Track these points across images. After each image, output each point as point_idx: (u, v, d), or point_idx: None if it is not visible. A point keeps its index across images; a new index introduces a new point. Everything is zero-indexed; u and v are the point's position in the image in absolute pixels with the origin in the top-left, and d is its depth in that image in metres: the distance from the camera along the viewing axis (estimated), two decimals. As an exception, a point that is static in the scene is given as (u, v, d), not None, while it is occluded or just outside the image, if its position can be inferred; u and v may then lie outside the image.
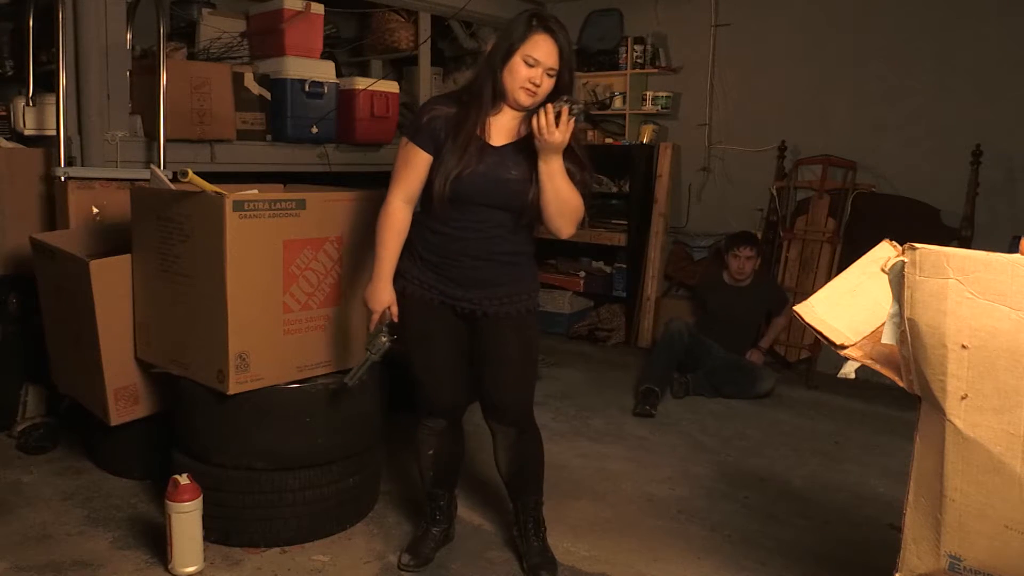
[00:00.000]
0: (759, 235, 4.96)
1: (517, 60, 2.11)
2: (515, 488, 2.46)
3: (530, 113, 2.15)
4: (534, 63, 2.10)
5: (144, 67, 3.62)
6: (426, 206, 2.26)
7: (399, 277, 2.29)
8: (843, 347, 1.69)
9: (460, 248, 2.23)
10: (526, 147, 2.17)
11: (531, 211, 2.20)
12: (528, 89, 2.12)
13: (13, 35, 3.76)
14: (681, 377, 4.22)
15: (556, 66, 2.12)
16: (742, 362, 4.36)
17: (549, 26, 2.11)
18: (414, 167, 2.21)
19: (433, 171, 2.19)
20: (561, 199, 2.16)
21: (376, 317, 2.27)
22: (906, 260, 1.52)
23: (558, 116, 2.04)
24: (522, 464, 2.41)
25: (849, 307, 1.72)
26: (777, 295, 4.55)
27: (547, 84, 2.14)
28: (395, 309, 2.27)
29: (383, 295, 2.26)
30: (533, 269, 2.36)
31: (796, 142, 4.93)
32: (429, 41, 5.13)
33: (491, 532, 2.67)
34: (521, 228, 2.26)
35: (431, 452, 2.45)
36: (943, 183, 4.40)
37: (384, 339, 2.25)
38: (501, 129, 2.21)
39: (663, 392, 4.10)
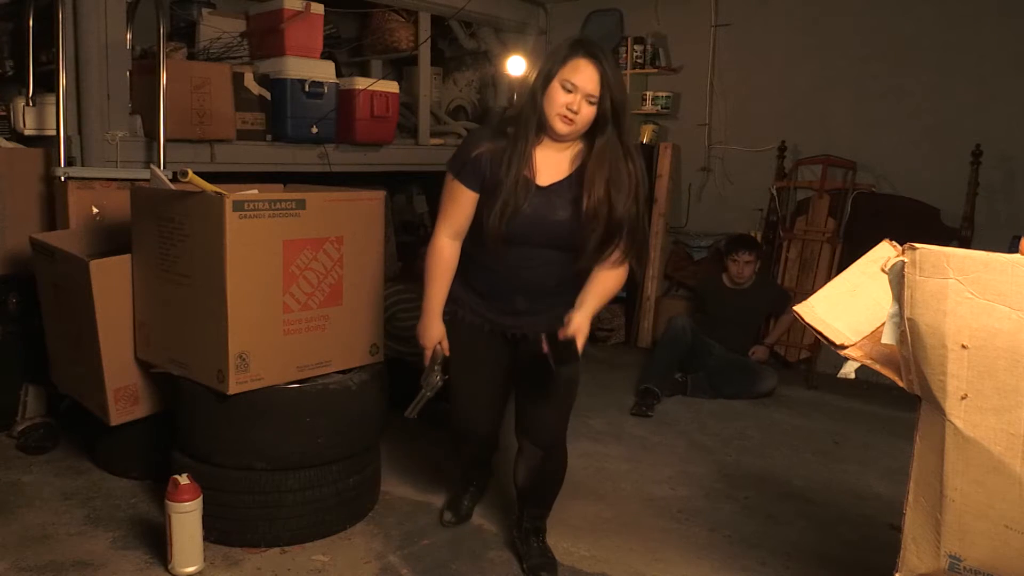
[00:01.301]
0: (759, 235, 4.97)
1: (555, 85, 2.03)
2: (525, 500, 2.47)
3: (585, 144, 2.10)
4: (572, 88, 2.01)
5: (144, 67, 3.62)
6: (476, 239, 2.20)
7: (450, 302, 2.27)
8: (843, 347, 1.69)
9: (511, 285, 2.21)
10: (574, 185, 2.11)
11: (582, 250, 2.12)
12: (565, 116, 2.03)
13: (13, 35, 3.76)
14: (682, 377, 4.21)
15: (596, 93, 2.01)
16: (743, 362, 4.36)
17: (592, 51, 2.02)
18: (460, 205, 2.16)
19: (480, 207, 2.14)
20: (604, 303, 2.18)
21: (429, 353, 2.28)
22: (906, 260, 1.52)
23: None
24: (539, 483, 2.42)
25: (849, 307, 1.72)
26: (778, 295, 4.54)
27: (587, 112, 2.03)
28: (446, 344, 2.28)
29: (433, 331, 2.27)
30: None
31: (796, 142, 4.92)
32: (429, 41, 5.13)
33: (492, 532, 2.66)
34: (574, 263, 2.17)
35: (466, 459, 2.67)
36: (943, 183, 4.40)
37: (437, 377, 2.27)
38: (548, 165, 2.12)
39: (663, 392, 4.10)
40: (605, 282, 2.15)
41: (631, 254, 2.15)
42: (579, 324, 2.06)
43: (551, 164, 2.13)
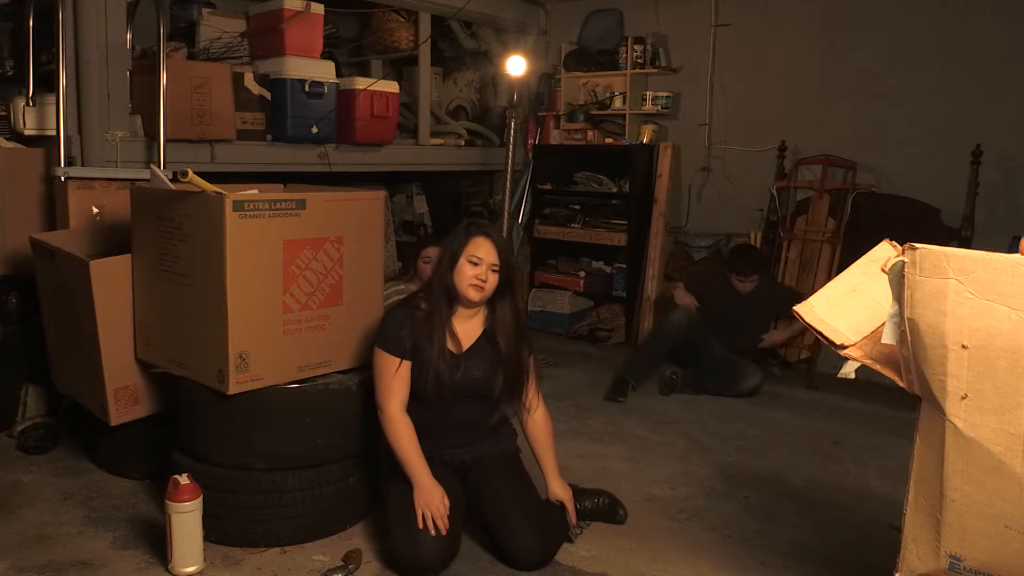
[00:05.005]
0: (759, 235, 4.96)
1: (463, 262, 2.40)
2: None
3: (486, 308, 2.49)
4: (478, 261, 2.39)
5: (144, 67, 3.62)
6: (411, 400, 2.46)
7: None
8: (843, 347, 1.69)
9: (443, 430, 2.49)
10: (485, 345, 2.48)
11: (502, 396, 2.50)
12: (476, 285, 2.39)
13: (13, 35, 3.76)
14: (673, 374, 4.19)
15: (497, 262, 2.40)
16: (730, 360, 4.30)
17: (486, 231, 2.45)
18: (399, 376, 2.41)
19: (412, 374, 2.42)
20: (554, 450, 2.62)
21: (444, 514, 2.33)
22: (906, 260, 1.52)
23: None
24: None
25: (849, 307, 1.72)
26: (785, 295, 4.39)
27: (492, 279, 2.41)
28: (447, 501, 2.36)
29: (434, 494, 2.34)
30: (510, 424, 2.66)
31: (796, 142, 4.93)
32: (429, 41, 5.14)
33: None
34: (494, 408, 2.54)
35: None
36: (943, 183, 4.40)
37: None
38: (462, 333, 2.48)
39: (640, 381, 4.12)
40: (546, 435, 2.59)
41: (538, 389, 2.59)
42: (560, 493, 2.55)
43: (464, 331, 2.49)
